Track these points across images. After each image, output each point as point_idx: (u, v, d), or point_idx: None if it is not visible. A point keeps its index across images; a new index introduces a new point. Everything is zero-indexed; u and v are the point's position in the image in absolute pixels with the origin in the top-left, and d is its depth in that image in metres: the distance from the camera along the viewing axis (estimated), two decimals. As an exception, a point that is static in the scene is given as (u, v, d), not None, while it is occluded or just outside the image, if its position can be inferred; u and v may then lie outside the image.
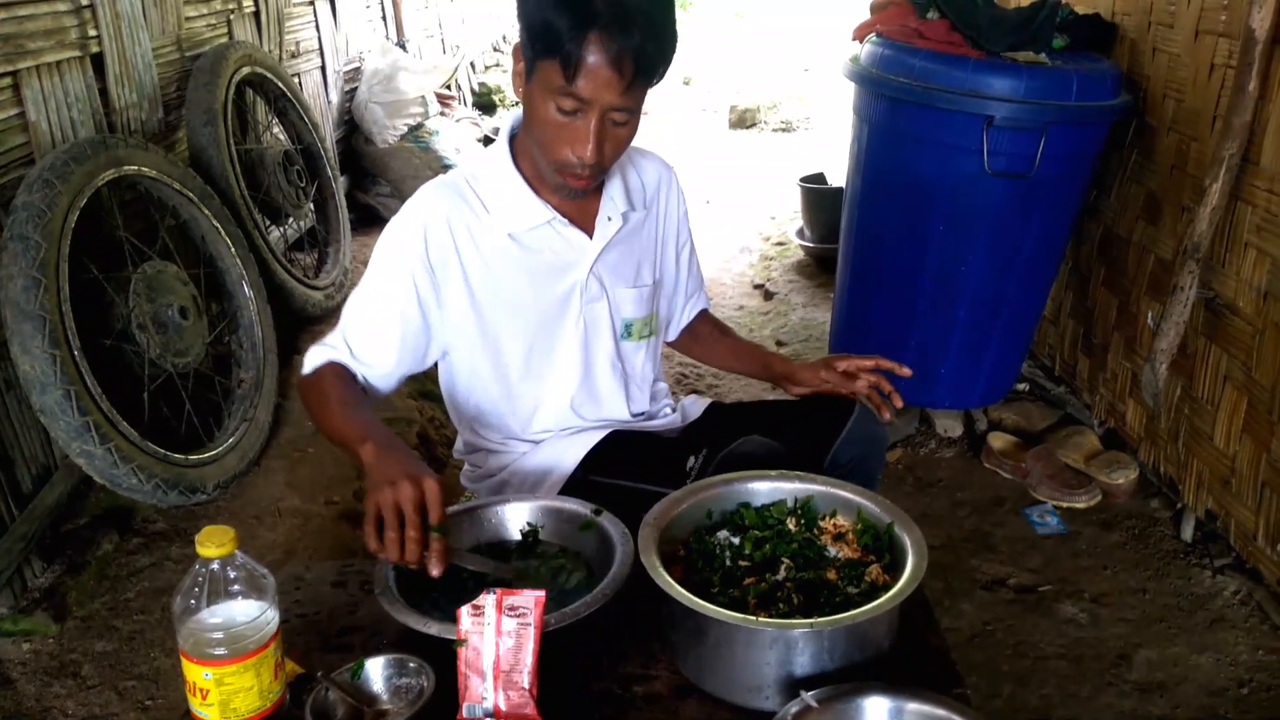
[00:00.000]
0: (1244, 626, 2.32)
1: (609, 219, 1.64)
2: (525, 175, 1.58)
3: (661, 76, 1.44)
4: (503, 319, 1.61)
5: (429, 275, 1.54)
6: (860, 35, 2.97)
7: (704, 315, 1.99)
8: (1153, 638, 2.31)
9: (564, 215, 1.60)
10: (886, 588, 1.23)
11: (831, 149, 5.99)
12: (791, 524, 1.40)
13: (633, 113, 1.44)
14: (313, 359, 1.55)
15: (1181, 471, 2.64)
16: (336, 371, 1.53)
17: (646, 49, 1.37)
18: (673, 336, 1.96)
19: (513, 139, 1.61)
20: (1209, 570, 2.50)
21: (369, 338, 1.54)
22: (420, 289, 1.54)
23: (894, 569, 1.31)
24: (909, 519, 1.35)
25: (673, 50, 1.43)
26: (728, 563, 1.33)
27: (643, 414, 1.80)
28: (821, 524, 1.40)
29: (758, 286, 4.66)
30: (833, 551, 1.36)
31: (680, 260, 1.85)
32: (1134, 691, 2.15)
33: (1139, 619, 2.37)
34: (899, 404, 1.74)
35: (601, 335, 1.69)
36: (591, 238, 1.63)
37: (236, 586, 1.05)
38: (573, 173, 1.48)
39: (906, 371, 1.75)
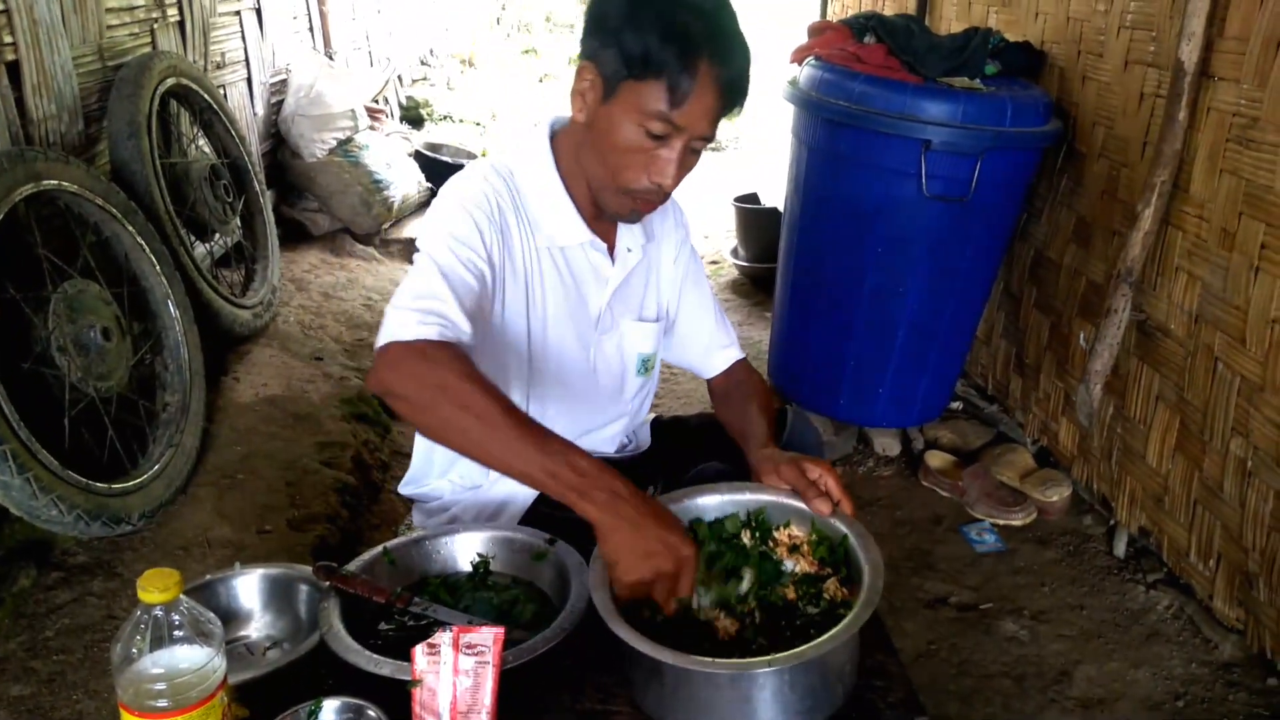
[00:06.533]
0: (1177, 640, 2.38)
1: (628, 250, 1.58)
2: (567, 186, 1.50)
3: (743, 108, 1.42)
4: (524, 333, 1.53)
5: (499, 238, 1.44)
6: (798, 58, 2.99)
7: (738, 368, 1.76)
8: (1091, 653, 2.35)
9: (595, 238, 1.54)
10: (845, 604, 1.23)
11: (761, 168, 6.03)
12: (746, 537, 1.38)
13: (710, 140, 1.41)
14: (405, 330, 1.24)
15: (1114, 489, 2.69)
16: (459, 355, 1.24)
17: (746, 78, 1.36)
18: (707, 375, 1.78)
19: (550, 140, 1.51)
20: (1142, 585, 2.56)
21: (460, 305, 1.31)
22: (490, 250, 1.42)
23: (850, 582, 1.30)
24: (863, 529, 1.33)
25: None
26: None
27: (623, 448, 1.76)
28: (776, 534, 1.39)
29: (693, 305, 4.65)
30: (789, 565, 1.34)
31: (685, 293, 1.72)
32: (1076, 708, 2.18)
33: (1078, 635, 2.41)
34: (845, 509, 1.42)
35: (610, 368, 1.64)
36: (613, 265, 1.58)
37: (181, 633, 0.98)
38: (645, 199, 1.42)
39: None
